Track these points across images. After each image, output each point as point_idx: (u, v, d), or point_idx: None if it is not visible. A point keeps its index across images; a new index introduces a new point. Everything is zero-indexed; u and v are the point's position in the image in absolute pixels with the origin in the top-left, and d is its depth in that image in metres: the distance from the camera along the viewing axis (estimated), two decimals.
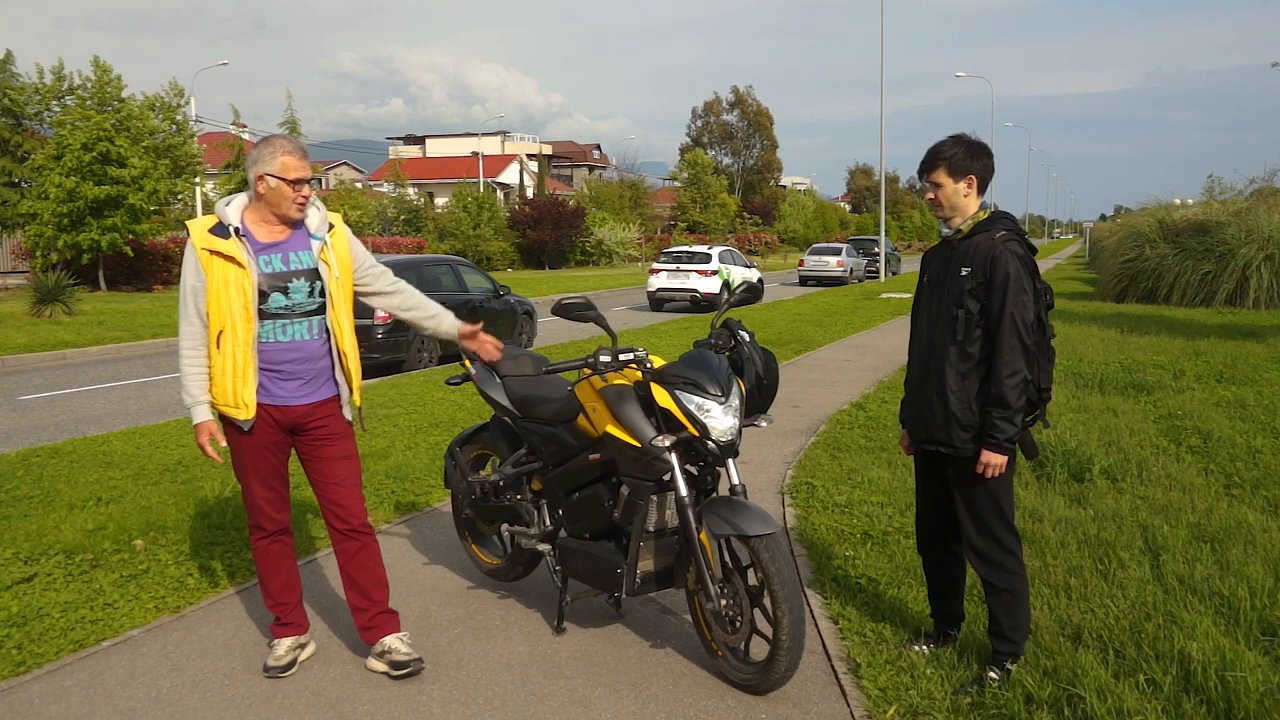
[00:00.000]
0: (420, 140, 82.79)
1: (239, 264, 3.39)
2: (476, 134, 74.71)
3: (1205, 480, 6.02)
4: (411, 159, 70.12)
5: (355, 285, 3.71)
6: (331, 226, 3.60)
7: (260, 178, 3.42)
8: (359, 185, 57.42)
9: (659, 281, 22.74)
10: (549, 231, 42.75)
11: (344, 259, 3.62)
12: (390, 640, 3.68)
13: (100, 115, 24.01)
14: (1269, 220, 19.51)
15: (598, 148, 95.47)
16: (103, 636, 3.97)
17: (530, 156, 66.18)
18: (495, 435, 4.47)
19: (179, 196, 30.09)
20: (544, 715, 3.34)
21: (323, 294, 3.52)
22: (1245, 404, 8.40)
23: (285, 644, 3.69)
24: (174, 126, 28.90)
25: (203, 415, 3.52)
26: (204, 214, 36.33)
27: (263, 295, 3.43)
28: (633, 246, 49.11)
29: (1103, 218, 76.11)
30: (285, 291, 3.46)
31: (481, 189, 48.29)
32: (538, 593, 4.47)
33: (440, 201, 49.86)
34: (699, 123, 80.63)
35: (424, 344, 12.70)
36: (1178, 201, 26.24)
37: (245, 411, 3.45)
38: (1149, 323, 15.62)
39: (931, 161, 3.40)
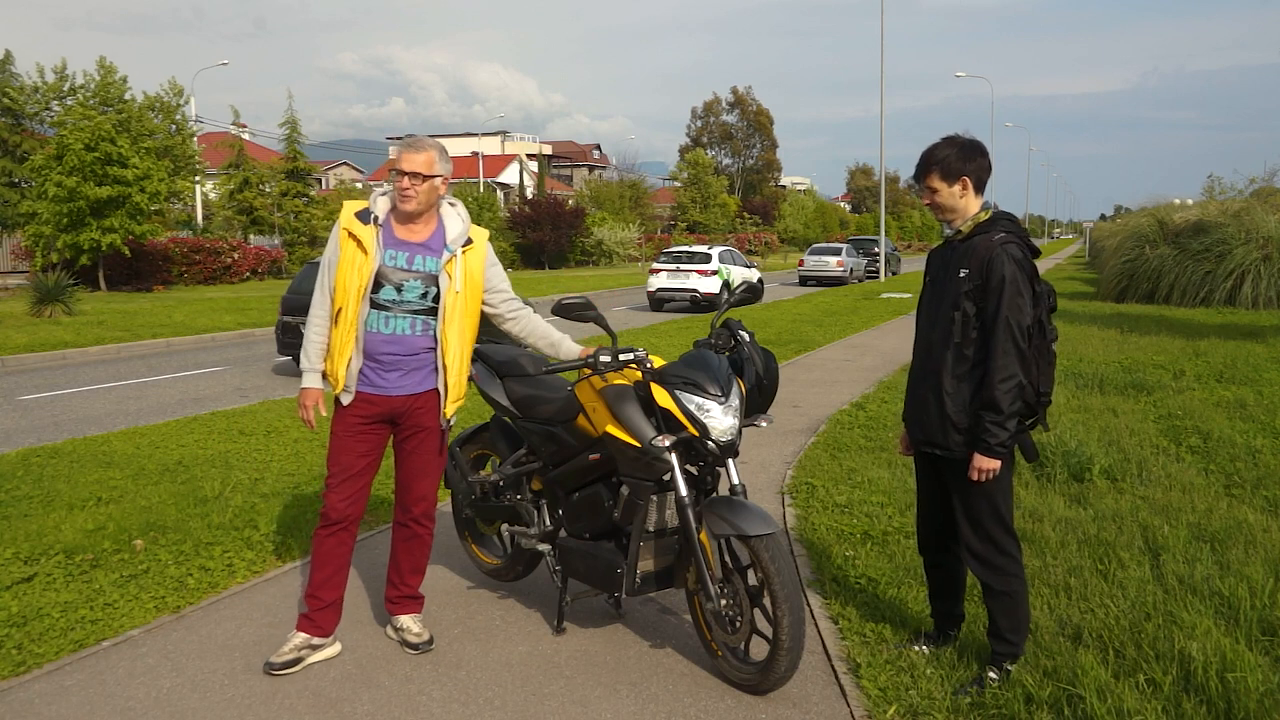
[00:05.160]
0: None
1: (365, 250, 3.53)
2: (476, 134, 74.65)
3: (1205, 480, 6.02)
4: None
5: (483, 306, 3.80)
6: (470, 242, 3.69)
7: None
8: (359, 185, 57.43)
9: (659, 281, 22.72)
10: (549, 232, 42.72)
11: (473, 276, 3.70)
12: (405, 620, 3.91)
13: (101, 116, 24.00)
14: (1268, 220, 19.53)
15: (598, 148, 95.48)
16: (103, 636, 3.97)
17: (530, 156, 66.18)
18: (495, 435, 4.47)
19: (180, 196, 30.09)
20: (544, 715, 3.34)
21: (436, 300, 3.61)
22: (1245, 404, 8.40)
23: (297, 639, 3.68)
24: (174, 127, 28.88)
25: (308, 382, 3.68)
26: (204, 215, 36.16)
27: (377, 285, 3.55)
28: (633, 246, 49.06)
29: (1103, 218, 76.13)
30: (399, 288, 3.58)
31: (481, 189, 48.29)
32: (538, 593, 4.47)
33: None
34: (699, 123, 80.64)
35: None
36: (1177, 202, 26.28)
37: (337, 385, 3.63)
38: (1149, 323, 15.62)
39: (925, 167, 3.38)
